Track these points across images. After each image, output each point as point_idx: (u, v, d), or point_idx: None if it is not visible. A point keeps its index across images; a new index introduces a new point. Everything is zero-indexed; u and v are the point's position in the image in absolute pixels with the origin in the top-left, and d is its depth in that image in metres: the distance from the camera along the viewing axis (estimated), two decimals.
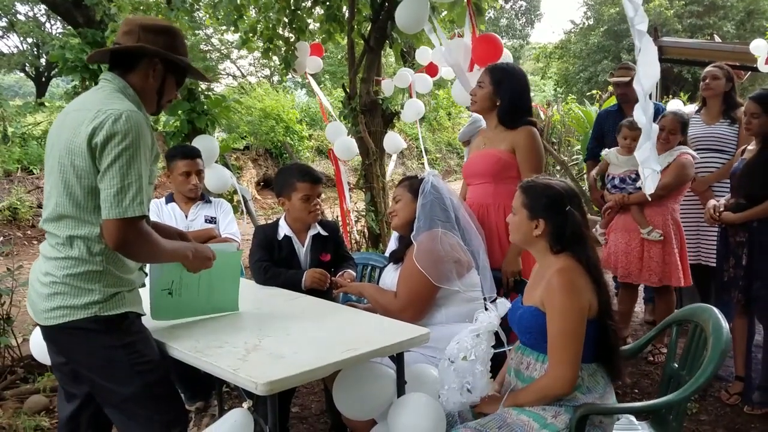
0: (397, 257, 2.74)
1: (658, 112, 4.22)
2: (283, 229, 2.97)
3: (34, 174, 10.41)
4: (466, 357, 1.98)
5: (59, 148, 1.89)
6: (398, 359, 2.12)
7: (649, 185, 2.99)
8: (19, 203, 9.50)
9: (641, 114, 2.81)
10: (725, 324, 2.05)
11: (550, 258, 2.08)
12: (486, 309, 2.08)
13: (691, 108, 5.44)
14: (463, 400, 2.02)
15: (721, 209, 3.36)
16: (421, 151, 9.37)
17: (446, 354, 2.05)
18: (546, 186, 2.11)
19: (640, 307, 4.99)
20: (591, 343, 1.96)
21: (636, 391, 3.61)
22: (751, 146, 3.42)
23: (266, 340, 2.05)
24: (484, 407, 2.08)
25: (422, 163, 8.76)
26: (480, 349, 1.98)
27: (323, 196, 3.06)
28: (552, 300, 1.96)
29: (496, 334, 2.04)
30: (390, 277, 2.73)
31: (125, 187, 1.81)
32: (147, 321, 2.14)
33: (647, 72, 2.70)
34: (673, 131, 3.80)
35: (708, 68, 4.25)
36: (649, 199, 3.65)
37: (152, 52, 1.99)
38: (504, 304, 2.07)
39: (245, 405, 1.94)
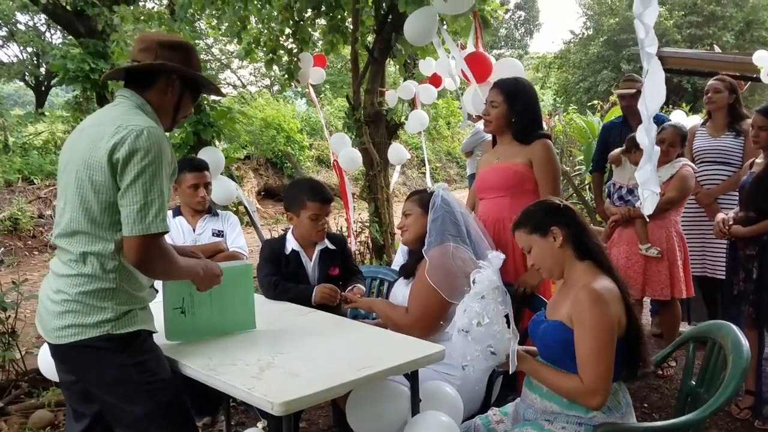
0: (407, 272, 2.72)
1: (661, 124, 4.22)
2: (291, 243, 2.95)
3: (35, 184, 10.39)
4: (480, 323, 1.96)
5: (76, 162, 1.87)
6: (413, 377, 2.09)
7: (648, 207, 3.00)
8: (20, 213, 9.48)
9: (644, 136, 2.81)
10: (745, 341, 2.02)
11: (576, 270, 2.07)
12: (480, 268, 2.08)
13: (695, 119, 5.44)
14: (489, 364, 2.01)
15: (731, 223, 3.35)
16: (423, 161, 9.35)
17: (457, 326, 2.03)
18: (534, 205, 2.20)
19: (646, 319, 4.97)
20: (616, 363, 1.94)
21: (645, 405, 3.59)
22: (760, 159, 3.41)
23: (279, 357, 2.03)
24: (523, 362, 2.05)
25: (423, 173, 8.75)
26: (490, 310, 1.97)
27: None
28: (582, 316, 1.93)
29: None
30: (401, 292, 2.70)
31: (148, 203, 1.81)
32: (158, 338, 2.13)
33: (653, 95, 2.70)
34: (673, 144, 3.81)
35: (710, 81, 4.26)
36: (647, 220, 3.65)
37: (172, 69, 1.99)
38: (498, 257, 2.09)
39: (260, 425, 1.92)
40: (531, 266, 2.18)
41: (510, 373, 2.08)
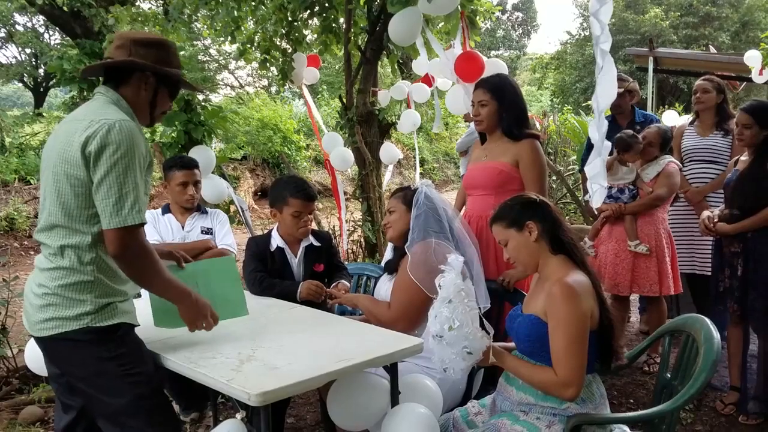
0: (391, 268, 2.75)
1: (651, 123, 4.26)
2: (276, 240, 2.97)
3: (31, 184, 10.42)
4: (451, 326, 1.98)
5: (53, 158, 1.91)
6: (392, 369, 2.13)
7: (596, 200, 3.04)
8: (16, 213, 9.52)
9: (595, 131, 2.85)
10: (716, 334, 2.06)
11: (550, 264, 2.10)
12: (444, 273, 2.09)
13: (686, 119, 5.47)
14: (467, 363, 2.03)
15: (716, 220, 3.38)
16: (420, 161, 9.40)
17: (431, 332, 2.04)
18: (510, 200, 2.23)
19: (635, 317, 5.01)
20: (589, 355, 1.97)
21: (631, 401, 3.62)
22: (744, 157, 3.44)
23: (260, 350, 2.06)
24: (494, 357, 2.08)
25: (420, 173, 8.80)
26: (459, 313, 1.99)
27: (320, 205, 3.06)
28: (556, 310, 1.97)
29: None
30: (385, 287, 2.73)
31: (123, 196, 1.83)
32: (140, 331, 2.16)
33: (605, 91, 2.74)
34: (652, 143, 3.86)
35: (698, 82, 4.29)
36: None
37: (142, 66, 2.02)
38: (457, 259, 2.10)
39: (238, 416, 1.95)
40: (507, 260, 2.21)
41: (488, 365, 2.11)
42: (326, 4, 5.82)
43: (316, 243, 3.00)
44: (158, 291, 2.04)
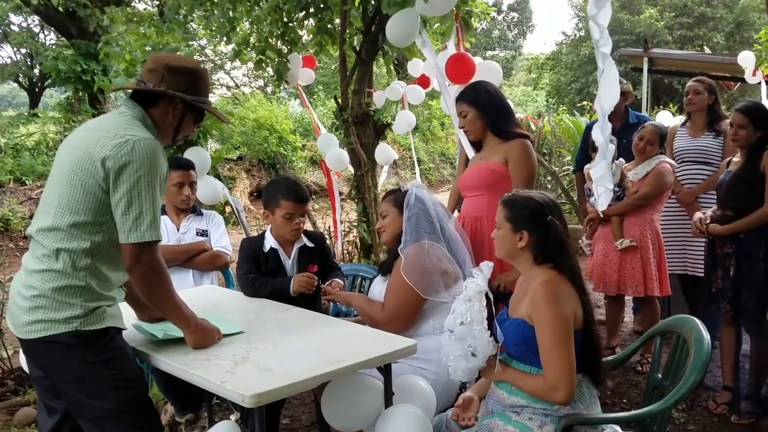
0: (385, 269, 2.76)
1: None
2: (269, 241, 2.97)
3: (26, 185, 10.39)
4: (462, 322, 2.02)
5: (70, 163, 1.92)
6: (386, 370, 2.14)
7: (602, 202, 3.06)
8: (11, 214, 9.48)
9: (599, 133, 2.87)
10: (707, 335, 2.08)
11: (533, 270, 2.12)
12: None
13: (678, 119, 5.50)
14: (470, 365, 2.05)
15: (708, 221, 3.39)
16: (414, 162, 9.43)
17: (445, 327, 2.09)
18: (526, 198, 2.16)
19: (629, 317, 5.02)
20: (576, 353, 1.99)
21: (624, 401, 3.63)
22: (737, 158, 3.46)
23: (254, 352, 2.07)
24: (488, 372, 2.11)
25: (415, 174, 8.82)
26: (474, 311, 2.03)
27: (316, 206, 3.06)
28: (539, 313, 1.99)
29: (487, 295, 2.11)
30: (378, 288, 2.75)
31: (143, 212, 1.88)
32: (133, 333, 2.16)
33: (607, 93, 2.76)
34: (651, 142, 3.87)
35: (690, 83, 4.30)
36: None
37: (173, 96, 2.05)
38: (488, 265, 2.13)
39: (233, 417, 1.96)
40: (512, 269, 2.22)
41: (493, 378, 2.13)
42: (321, 5, 5.82)
43: (309, 244, 3.00)
44: (168, 310, 2.07)
